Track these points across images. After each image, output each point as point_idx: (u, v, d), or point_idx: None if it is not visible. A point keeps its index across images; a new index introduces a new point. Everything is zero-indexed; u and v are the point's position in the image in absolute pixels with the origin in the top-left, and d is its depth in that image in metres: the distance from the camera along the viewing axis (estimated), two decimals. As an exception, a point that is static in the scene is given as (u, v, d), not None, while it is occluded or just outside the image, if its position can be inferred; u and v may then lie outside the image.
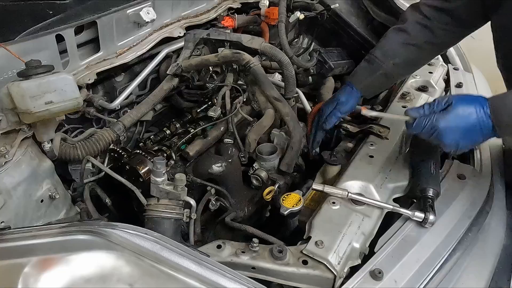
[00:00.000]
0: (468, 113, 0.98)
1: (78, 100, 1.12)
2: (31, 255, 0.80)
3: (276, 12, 1.86)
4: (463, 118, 0.98)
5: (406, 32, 1.34)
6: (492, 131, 0.98)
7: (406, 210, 1.09)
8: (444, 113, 1.00)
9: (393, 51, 1.36)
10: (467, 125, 0.98)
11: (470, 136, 1.00)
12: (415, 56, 1.37)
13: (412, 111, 1.05)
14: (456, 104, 0.99)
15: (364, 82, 1.42)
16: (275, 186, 1.34)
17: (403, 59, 1.36)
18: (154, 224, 1.10)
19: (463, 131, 0.99)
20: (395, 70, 1.39)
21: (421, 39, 1.32)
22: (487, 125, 0.97)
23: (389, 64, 1.36)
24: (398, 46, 1.35)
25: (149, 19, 1.54)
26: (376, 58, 1.38)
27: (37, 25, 1.22)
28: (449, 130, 0.99)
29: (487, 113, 0.97)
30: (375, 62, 1.38)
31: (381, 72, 1.38)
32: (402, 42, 1.34)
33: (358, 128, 1.47)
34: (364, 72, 1.42)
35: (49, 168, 1.18)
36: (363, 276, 0.95)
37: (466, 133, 0.99)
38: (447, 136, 1.00)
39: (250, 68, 1.42)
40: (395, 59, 1.36)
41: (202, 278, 0.80)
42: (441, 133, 0.99)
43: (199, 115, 1.57)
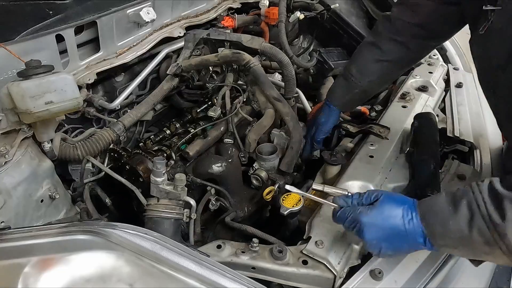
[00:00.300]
0: (394, 214, 0.89)
1: (78, 100, 1.12)
2: (31, 255, 0.80)
3: (276, 12, 1.87)
4: (388, 218, 0.89)
5: (379, 49, 1.34)
6: (425, 241, 0.87)
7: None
8: (369, 207, 0.91)
9: (368, 69, 1.37)
10: (391, 227, 0.88)
11: (393, 240, 0.89)
12: (390, 71, 1.40)
13: (339, 199, 0.97)
14: (383, 202, 0.91)
15: (342, 100, 1.45)
16: (275, 186, 1.34)
17: (378, 76, 1.38)
18: (154, 224, 1.10)
19: (386, 232, 0.89)
20: (372, 86, 1.42)
21: (395, 55, 1.33)
22: (415, 233, 0.87)
23: (365, 82, 1.39)
24: (372, 64, 1.36)
25: (149, 19, 1.54)
26: (352, 76, 1.39)
27: (37, 25, 1.22)
28: (371, 226, 0.89)
29: (416, 220, 0.87)
30: (351, 81, 1.40)
31: (358, 90, 1.41)
32: (376, 59, 1.35)
33: (358, 128, 1.47)
34: (341, 90, 1.45)
35: (49, 168, 1.18)
36: (363, 276, 0.95)
37: (389, 235, 0.89)
38: (368, 233, 0.90)
39: (250, 68, 1.42)
40: (370, 76, 1.38)
41: (202, 278, 0.80)
42: (362, 229, 0.90)
43: (199, 115, 1.57)
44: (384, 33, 1.34)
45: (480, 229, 0.80)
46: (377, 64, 1.36)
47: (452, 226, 0.83)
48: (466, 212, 0.81)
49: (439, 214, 0.85)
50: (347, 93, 1.43)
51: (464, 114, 1.50)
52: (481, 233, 0.80)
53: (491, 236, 0.78)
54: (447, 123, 1.46)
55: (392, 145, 1.34)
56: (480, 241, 0.80)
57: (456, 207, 0.83)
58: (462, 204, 0.82)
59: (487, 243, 0.80)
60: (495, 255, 0.82)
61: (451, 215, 0.83)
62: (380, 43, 1.34)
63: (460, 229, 0.82)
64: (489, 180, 0.83)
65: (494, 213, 0.78)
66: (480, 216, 0.80)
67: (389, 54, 1.33)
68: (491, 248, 0.80)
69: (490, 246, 0.80)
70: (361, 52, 1.41)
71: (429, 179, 1.16)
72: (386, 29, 1.33)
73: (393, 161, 1.29)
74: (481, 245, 0.81)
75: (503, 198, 0.78)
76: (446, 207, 0.85)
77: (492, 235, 0.78)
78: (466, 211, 0.81)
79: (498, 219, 0.77)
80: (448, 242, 0.85)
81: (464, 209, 0.82)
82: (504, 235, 0.77)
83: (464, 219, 0.81)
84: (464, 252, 0.89)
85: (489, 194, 0.80)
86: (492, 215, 0.78)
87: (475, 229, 0.80)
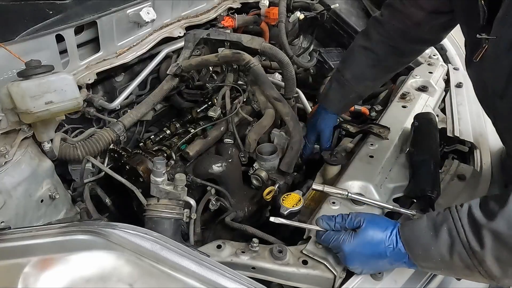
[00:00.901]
0: (376, 241, 0.90)
1: (78, 100, 1.12)
2: (31, 255, 0.80)
3: (276, 12, 1.87)
4: (370, 246, 0.90)
5: (374, 53, 1.33)
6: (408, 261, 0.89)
7: (406, 210, 1.09)
8: (351, 235, 0.92)
9: (364, 75, 1.36)
10: (373, 254, 0.90)
11: (374, 264, 0.92)
12: (384, 74, 1.41)
13: (322, 222, 0.98)
14: (366, 229, 0.92)
15: (338, 106, 1.45)
16: (275, 186, 1.34)
17: (373, 80, 1.39)
18: (154, 224, 1.10)
19: (368, 259, 0.91)
20: (366, 90, 1.43)
21: (390, 59, 1.33)
22: (398, 256, 0.89)
23: (361, 87, 1.39)
24: (367, 69, 1.35)
25: (149, 19, 1.54)
26: (347, 81, 1.38)
27: (37, 25, 1.22)
28: (353, 255, 0.91)
29: (399, 245, 0.89)
30: (346, 86, 1.39)
31: (354, 95, 1.41)
32: (372, 64, 1.34)
33: (358, 128, 1.47)
34: (337, 96, 1.44)
35: (49, 168, 1.18)
36: (363, 276, 0.95)
37: (370, 261, 0.92)
38: (350, 261, 0.92)
39: (250, 68, 1.42)
40: (365, 81, 1.38)
41: (202, 278, 0.80)
42: (345, 257, 0.92)
43: (199, 115, 1.56)
44: (377, 37, 1.32)
45: (460, 255, 0.82)
46: (372, 69, 1.35)
47: (434, 251, 0.85)
48: (447, 238, 0.83)
49: (420, 238, 0.87)
50: (343, 98, 1.43)
51: (464, 114, 1.50)
52: (461, 258, 0.82)
53: (471, 262, 0.81)
54: (447, 123, 1.46)
55: (392, 145, 1.34)
56: (460, 266, 0.83)
57: (437, 233, 0.85)
58: (443, 230, 0.84)
59: (468, 267, 0.82)
60: (476, 277, 0.84)
61: (432, 240, 0.85)
62: (375, 48, 1.32)
63: (441, 254, 0.84)
64: (468, 205, 0.84)
65: (473, 240, 0.80)
66: (460, 242, 0.81)
67: (384, 59, 1.33)
68: (471, 272, 0.83)
69: (470, 270, 0.82)
70: (354, 56, 1.39)
71: (429, 179, 1.16)
72: (379, 34, 1.32)
73: (393, 161, 1.29)
74: (462, 269, 0.84)
75: (481, 226, 0.79)
76: (427, 232, 0.87)
77: (472, 261, 0.80)
78: (447, 237, 0.83)
79: (477, 247, 0.79)
80: (430, 264, 0.88)
81: (444, 235, 0.84)
82: (483, 262, 0.79)
83: (445, 245, 0.83)
84: (446, 273, 0.92)
85: (468, 220, 0.82)
86: (471, 243, 0.80)
87: (456, 255, 0.82)
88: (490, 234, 0.78)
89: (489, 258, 0.78)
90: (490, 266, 0.79)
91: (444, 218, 0.85)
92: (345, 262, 0.93)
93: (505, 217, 0.77)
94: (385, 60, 1.33)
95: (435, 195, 1.11)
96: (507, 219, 0.77)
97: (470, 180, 1.22)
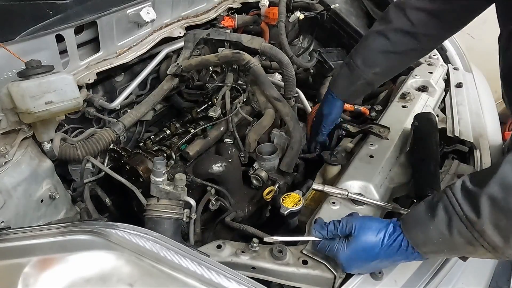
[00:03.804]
0: (370, 246, 0.89)
1: (78, 100, 1.12)
2: (31, 255, 0.80)
3: (276, 12, 1.87)
4: (365, 251, 0.90)
5: (387, 39, 1.29)
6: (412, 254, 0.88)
7: (406, 210, 1.09)
8: (344, 243, 0.92)
9: (373, 60, 1.33)
10: (369, 258, 0.90)
11: (374, 265, 0.92)
12: (395, 63, 1.36)
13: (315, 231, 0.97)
14: (358, 236, 0.91)
15: (345, 92, 1.42)
16: (275, 186, 1.34)
17: (383, 68, 1.34)
18: (154, 224, 1.10)
19: (366, 262, 0.92)
20: (376, 78, 1.37)
21: (403, 46, 1.29)
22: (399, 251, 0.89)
23: (370, 74, 1.34)
24: (378, 55, 1.32)
25: (149, 19, 1.54)
26: (357, 67, 1.35)
27: (37, 25, 1.22)
28: (350, 262, 0.92)
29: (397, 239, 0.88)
30: (355, 71, 1.36)
31: (362, 81, 1.36)
32: (383, 50, 1.30)
33: (358, 128, 1.47)
34: (345, 81, 1.40)
35: (49, 168, 1.18)
36: (363, 276, 0.95)
37: (369, 264, 0.92)
38: (348, 268, 0.93)
39: (250, 68, 1.42)
40: (375, 68, 1.34)
41: (202, 278, 0.80)
42: (342, 264, 0.93)
43: (199, 115, 1.57)
44: (394, 22, 1.28)
45: (459, 230, 0.81)
46: (383, 55, 1.31)
47: (433, 232, 0.84)
48: (444, 216, 0.83)
49: (419, 222, 0.87)
50: (350, 84, 1.39)
51: (464, 114, 1.50)
52: (461, 234, 0.81)
53: (471, 235, 0.79)
54: (447, 123, 1.46)
55: (392, 145, 1.34)
56: (462, 242, 0.82)
57: (434, 212, 0.84)
58: (439, 209, 0.84)
59: (469, 242, 0.81)
60: (479, 253, 0.83)
61: (430, 221, 0.84)
62: (389, 33, 1.28)
63: (441, 233, 0.83)
64: (461, 181, 0.84)
65: (469, 212, 0.79)
66: (457, 217, 0.81)
67: (397, 46, 1.28)
68: (474, 247, 0.81)
69: (472, 245, 0.81)
70: (367, 42, 1.35)
71: (429, 179, 1.16)
72: (397, 19, 1.27)
73: (393, 161, 1.29)
74: (464, 245, 0.82)
75: (475, 195, 0.79)
76: (424, 214, 0.86)
77: (472, 234, 0.79)
78: (444, 215, 0.83)
79: (474, 217, 0.78)
80: (432, 248, 0.87)
81: (441, 213, 0.83)
82: (483, 232, 0.78)
83: (443, 222, 0.83)
84: (449, 254, 0.91)
85: (462, 193, 0.81)
86: (468, 215, 0.79)
87: (455, 231, 0.81)
88: (485, 200, 0.77)
89: (488, 227, 0.77)
90: (490, 235, 0.78)
91: (439, 197, 0.85)
92: (343, 269, 0.94)
93: (497, 181, 0.77)
94: (397, 46, 1.29)
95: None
96: (499, 182, 0.76)
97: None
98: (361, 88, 1.40)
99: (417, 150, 1.27)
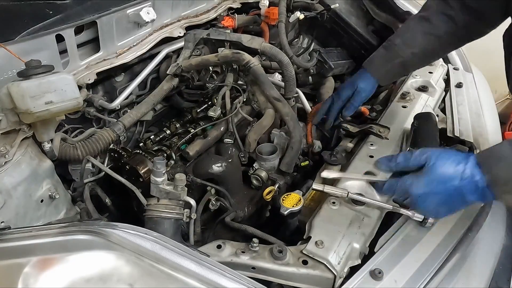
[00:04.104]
0: (449, 177, 0.83)
1: (78, 100, 1.12)
2: (31, 255, 0.80)
3: (276, 12, 1.87)
4: (443, 183, 0.84)
5: (428, 21, 1.29)
6: (484, 193, 0.84)
7: (406, 210, 1.09)
8: (419, 176, 0.86)
9: (413, 40, 1.31)
10: (447, 192, 0.84)
11: (451, 203, 0.86)
12: (435, 47, 1.33)
13: (381, 165, 0.92)
14: (435, 166, 0.84)
15: (380, 70, 1.38)
16: (275, 186, 1.34)
17: (422, 49, 1.32)
18: (154, 224, 1.10)
19: (442, 198, 0.85)
20: (413, 60, 1.34)
21: (444, 29, 1.28)
22: (475, 188, 0.83)
23: (408, 53, 1.32)
24: (418, 35, 1.31)
25: (149, 19, 1.54)
26: (396, 46, 1.34)
27: (37, 25, 1.22)
28: (426, 197, 0.86)
29: (475, 174, 0.83)
30: (393, 50, 1.34)
31: (399, 60, 1.34)
32: (424, 32, 1.30)
33: (358, 128, 1.47)
34: (381, 60, 1.38)
35: (49, 168, 1.18)
36: (363, 276, 0.95)
37: (446, 200, 0.85)
38: (423, 205, 0.87)
39: (250, 68, 1.42)
40: (414, 48, 1.32)
41: (202, 278, 0.80)
42: (416, 201, 0.87)
43: (199, 115, 1.57)
44: (435, 7, 1.29)
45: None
46: (423, 36, 1.30)
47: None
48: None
49: (502, 160, 0.82)
50: (386, 62, 1.37)
51: (464, 114, 1.50)
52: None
53: None
54: (447, 123, 1.46)
55: (392, 145, 1.34)
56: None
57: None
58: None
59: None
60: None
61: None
62: (430, 16, 1.29)
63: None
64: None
65: None
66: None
67: (438, 28, 1.28)
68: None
69: None
70: (408, 25, 1.35)
71: (429, 179, 1.16)
72: (439, 4, 1.29)
73: (393, 161, 1.29)
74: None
75: None
76: (510, 153, 0.82)
77: None
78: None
79: None
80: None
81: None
82: None
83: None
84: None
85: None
86: None
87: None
88: None
89: None
90: None
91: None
92: (417, 205, 0.87)
93: None
94: (438, 29, 1.28)
95: (435, 195, 1.11)
96: None
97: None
98: (397, 68, 1.37)
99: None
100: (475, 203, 0.87)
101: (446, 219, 1.08)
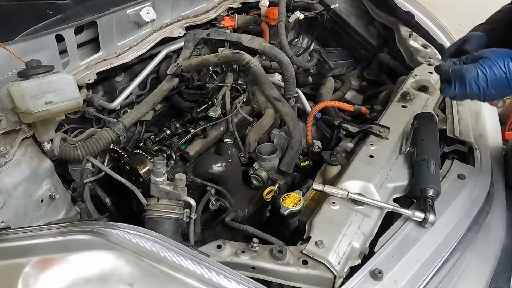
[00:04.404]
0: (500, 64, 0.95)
1: (78, 100, 1.12)
2: (31, 255, 0.80)
3: (276, 12, 1.87)
4: (495, 67, 0.96)
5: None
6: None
7: (406, 210, 1.09)
8: (474, 64, 0.98)
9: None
10: (500, 75, 0.96)
11: (501, 87, 0.97)
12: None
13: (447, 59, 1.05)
14: (489, 55, 0.97)
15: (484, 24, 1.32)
16: (275, 186, 1.34)
17: None
18: (154, 224, 1.10)
19: (493, 81, 0.97)
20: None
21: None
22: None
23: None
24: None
25: (149, 19, 1.54)
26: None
27: (37, 25, 1.22)
28: (477, 77, 0.97)
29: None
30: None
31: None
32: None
33: (358, 128, 1.47)
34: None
35: (49, 168, 1.18)
36: (363, 276, 0.95)
37: (497, 83, 0.97)
38: (474, 85, 0.98)
39: (250, 68, 1.42)
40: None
41: (202, 278, 0.80)
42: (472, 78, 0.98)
43: (199, 115, 1.57)
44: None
45: None
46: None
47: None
48: None
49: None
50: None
51: (464, 114, 1.50)
52: None
53: None
54: (447, 123, 1.46)
55: (392, 145, 1.34)
56: None
57: None
58: None
59: None
60: None
61: None
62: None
63: None
64: None
65: None
66: None
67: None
68: None
69: None
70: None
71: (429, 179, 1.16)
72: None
73: (393, 161, 1.29)
74: None
75: None
76: None
77: None
78: None
79: None
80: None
81: None
82: None
83: None
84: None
85: None
86: None
87: None
88: None
89: None
90: None
91: None
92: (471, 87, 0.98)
93: None
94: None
95: (435, 195, 1.11)
96: None
97: (470, 180, 1.22)
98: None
99: (417, 150, 1.27)
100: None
101: (446, 219, 1.08)
